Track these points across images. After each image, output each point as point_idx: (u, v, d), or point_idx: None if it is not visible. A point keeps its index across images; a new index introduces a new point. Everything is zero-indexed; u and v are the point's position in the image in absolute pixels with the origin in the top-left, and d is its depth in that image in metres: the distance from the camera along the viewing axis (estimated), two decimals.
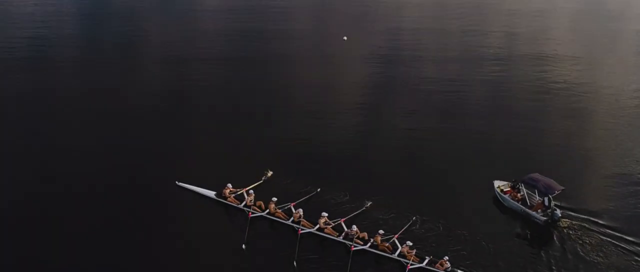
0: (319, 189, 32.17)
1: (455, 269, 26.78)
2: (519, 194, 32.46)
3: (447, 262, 26.77)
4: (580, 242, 29.22)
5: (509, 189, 33.01)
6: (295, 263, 27.13)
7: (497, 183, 33.37)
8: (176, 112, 42.75)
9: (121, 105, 43.62)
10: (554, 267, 27.68)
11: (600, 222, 30.49)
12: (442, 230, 29.66)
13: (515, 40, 63.18)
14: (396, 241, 28.08)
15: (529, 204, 31.83)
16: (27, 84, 47.53)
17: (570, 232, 29.97)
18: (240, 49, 56.20)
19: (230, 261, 27.56)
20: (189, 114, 42.56)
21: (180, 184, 32.67)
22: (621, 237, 29.51)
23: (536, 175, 32.09)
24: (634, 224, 30.60)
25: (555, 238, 29.74)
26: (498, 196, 32.92)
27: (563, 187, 31.08)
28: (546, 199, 31.16)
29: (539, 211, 31.23)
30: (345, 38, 57.11)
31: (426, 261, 27.06)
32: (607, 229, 30.00)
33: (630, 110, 45.89)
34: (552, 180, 31.55)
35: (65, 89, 47.05)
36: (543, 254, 28.74)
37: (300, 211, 29.78)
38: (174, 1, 75.65)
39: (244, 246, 28.27)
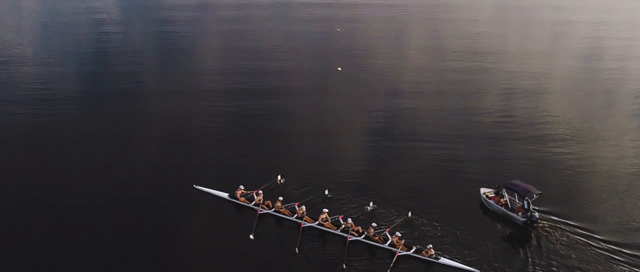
0: (326, 191, 35.98)
1: (439, 256, 30.17)
2: (502, 199, 35.84)
3: (431, 250, 30.22)
4: (555, 240, 32.40)
5: (493, 195, 36.45)
6: (297, 250, 30.71)
7: (482, 190, 36.83)
8: (191, 128, 46.98)
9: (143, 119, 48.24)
10: (529, 260, 30.87)
11: (573, 223, 33.68)
12: (429, 227, 33.15)
13: (496, 63, 68.33)
14: (387, 234, 31.57)
15: (510, 207, 35.22)
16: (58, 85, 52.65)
17: (547, 231, 33.20)
18: (251, 81, 60.42)
19: (240, 250, 31.07)
20: (205, 131, 46.68)
21: (197, 187, 36.56)
22: (592, 236, 32.62)
23: (516, 181, 35.63)
24: (603, 224, 33.81)
25: (533, 237, 33.03)
26: (484, 201, 36.33)
27: (540, 192, 34.48)
28: (525, 202, 34.53)
29: (520, 213, 34.56)
30: (339, 68, 61.76)
31: (413, 250, 30.53)
32: (579, 229, 33.17)
33: (604, 120, 50.56)
34: (530, 185, 35.04)
35: (89, 96, 52.38)
36: (521, 250, 31.98)
37: (304, 207, 33.52)
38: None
39: (251, 237, 31.93)
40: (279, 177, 37.27)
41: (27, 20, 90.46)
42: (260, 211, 33.98)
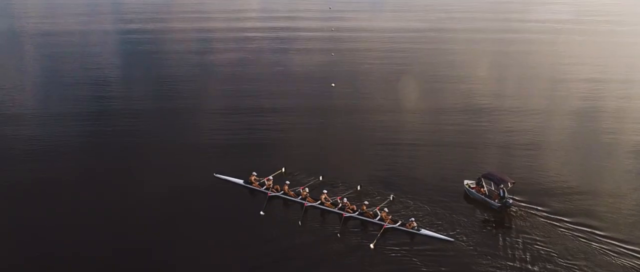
0: (321, 177, 41.70)
1: (420, 228, 35.42)
2: (482, 189, 40.94)
3: (414, 222, 35.52)
4: (525, 222, 37.29)
5: (474, 185, 41.59)
6: (300, 222, 36.29)
7: (466, 182, 41.97)
8: (210, 134, 53.02)
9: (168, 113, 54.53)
10: (500, 237, 35.86)
11: (542, 208, 38.52)
12: (416, 209, 38.32)
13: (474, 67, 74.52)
14: (377, 211, 36.92)
15: (488, 194, 40.31)
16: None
17: (519, 215, 38.13)
18: (256, 97, 66.14)
19: (253, 225, 36.58)
20: (222, 133, 52.58)
21: (217, 175, 42.37)
22: (558, 218, 37.38)
23: (493, 171, 40.86)
24: (568, 209, 38.62)
25: (506, 219, 37.99)
26: (466, 191, 41.45)
27: (514, 181, 39.60)
28: (501, 190, 39.61)
29: (496, 200, 39.60)
30: (333, 84, 67.73)
31: (399, 223, 35.84)
32: (547, 213, 37.99)
33: (574, 115, 57.52)
34: (505, 174, 40.21)
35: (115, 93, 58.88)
36: (494, 229, 37.07)
37: (307, 190, 39.08)
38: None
39: (262, 213, 37.55)
40: (283, 169, 42.89)
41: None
42: (270, 193, 39.58)
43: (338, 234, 35.29)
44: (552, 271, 32.44)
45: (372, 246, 34.18)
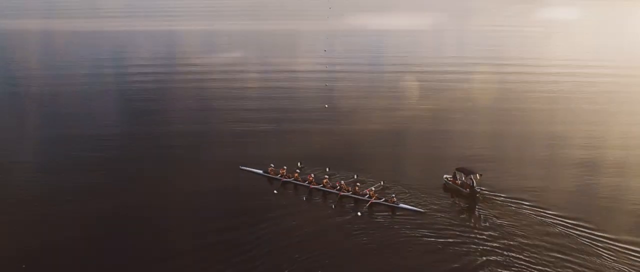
0: (327, 169, 51.34)
1: (399, 202, 44.82)
2: (457, 180, 49.98)
3: (394, 198, 44.93)
4: (491, 206, 45.98)
5: (451, 178, 50.65)
6: (304, 198, 46.13)
7: (445, 176, 51.06)
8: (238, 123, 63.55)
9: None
10: (464, 212, 44.95)
11: (504, 194, 47.20)
12: (399, 190, 47.67)
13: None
14: (366, 191, 46.42)
15: (460, 184, 49.31)
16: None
17: (485, 200, 46.96)
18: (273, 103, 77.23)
19: (267, 200, 46.46)
20: (245, 135, 62.97)
21: (242, 167, 52.50)
22: (519, 203, 45.74)
23: (464, 165, 49.96)
24: (527, 195, 47.05)
25: (472, 201, 46.78)
26: (445, 182, 50.49)
27: (482, 173, 48.58)
28: (471, 180, 48.59)
29: (467, 189, 48.57)
30: (326, 105, 76.43)
31: (382, 199, 45.23)
32: (509, 198, 46.59)
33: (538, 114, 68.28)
34: (474, 167, 49.28)
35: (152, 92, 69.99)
36: (461, 208, 46.03)
37: (312, 175, 48.85)
38: None
39: (275, 192, 47.46)
40: (299, 163, 52.69)
41: None
42: (283, 179, 49.47)
43: (333, 206, 44.96)
44: (504, 234, 41.23)
45: (359, 214, 43.76)
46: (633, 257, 38.46)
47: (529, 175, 52.12)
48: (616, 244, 39.99)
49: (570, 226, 42.35)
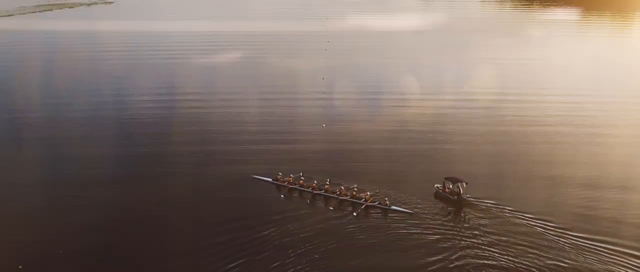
0: (328, 180, 56.97)
1: (391, 204, 50.40)
2: (446, 189, 55.34)
3: (387, 201, 50.50)
4: (475, 210, 51.30)
5: (442, 187, 56.02)
6: (308, 201, 52.06)
7: (436, 185, 56.47)
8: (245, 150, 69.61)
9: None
10: (451, 215, 50.33)
11: (490, 201, 52.40)
12: (394, 196, 53.18)
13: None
14: (362, 195, 52.09)
15: (449, 192, 54.66)
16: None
17: (471, 206, 52.22)
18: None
19: (277, 204, 52.32)
20: (256, 147, 68.82)
21: (254, 176, 58.55)
22: (503, 208, 51.17)
23: (452, 175, 55.34)
24: (510, 202, 52.12)
25: (459, 207, 52.13)
26: (436, 191, 55.88)
27: (468, 182, 53.92)
28: (458, 188, 53.93)
29: (455, 196, 53.90)
30: (324, 125, 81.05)
31: (377, 202, 50.85)
32: (493, 204, 51.86)
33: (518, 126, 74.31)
34: (461, 177, 54.67)
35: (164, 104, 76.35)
36: (449, 213, 51.33)
37: (315, 182, 54.73)
38: None
39: (282, 196, 53.40)
40: (301, 173, 58.51)
41: None
42: (290, 186, 55.40)
43: (331, 208, 50.74)
44: (486, 233, 46.75)
45: (355, 214, 49.52)
46: (597, 251, 44.27)
47: (509, 185, 57.18)
48: (584, 241, 45.82)
49: (545, 227, 47.92)
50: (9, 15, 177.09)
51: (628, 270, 42.23)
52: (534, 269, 42.10)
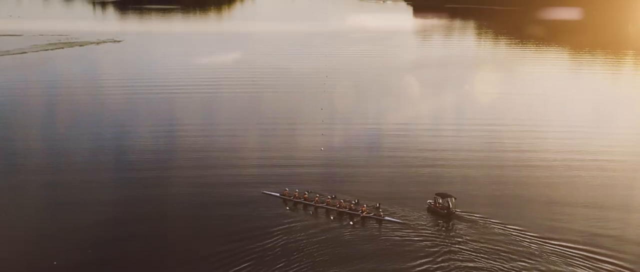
0: (329, 196, 62.79)
1: (386, 216, 56.18)
2: (437, 204, 61.02)
3: (381, 212, 56.32)
4: (463, 222, 56.69)
5: (433, 202, 61.70)
6: (310, 211, 57.85)
7: (428, 201, 62.14)
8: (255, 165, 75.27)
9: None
10: (440, 225, 55.91)
11: (477, 214, 57.79)
12: (390, 210, 58.89)
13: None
14: (359, 207, 57.95)
15: (440, 206, 60.33)
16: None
17: (460, 219, 57.56)
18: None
19: (283, 215, 58.10)
20: (265, 164, 74.30)
21: (264, 191, 64.38)
22: (488, 219, 56.74)
23: (441, 191, 61.10)
24: (497, 215, 57.50)
25: (451, 222, 57.45)
26: (428, 206, 61.50)
27: (456, 197, 59.64)
28: (447, 203, 59.63)
29: (445, 210, 59.58)
30: (322, 148, 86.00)
31: (372, 213, 56.66)
32: (480, 217, 57.20)
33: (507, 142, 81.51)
34: (450, 192, 60.43)
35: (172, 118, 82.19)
36: (439, 225, 56.76)
37: (317, 196, 60.66)
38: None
39: (287, 208, 59.23)
40: (306, 192, 64.31)
41: None
42: (295, 200, 61.28)
43: (332, 217, 56.73)
44: (473, 242, 52.26)
45: (351, 222, 55.60)
46: (574, 258, 50.14)
47: (496, 202, 62.52)
48: (563, 249, 51.67)
49: (524, 236, 53.68)
50: (23, 53, 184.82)
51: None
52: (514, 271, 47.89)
